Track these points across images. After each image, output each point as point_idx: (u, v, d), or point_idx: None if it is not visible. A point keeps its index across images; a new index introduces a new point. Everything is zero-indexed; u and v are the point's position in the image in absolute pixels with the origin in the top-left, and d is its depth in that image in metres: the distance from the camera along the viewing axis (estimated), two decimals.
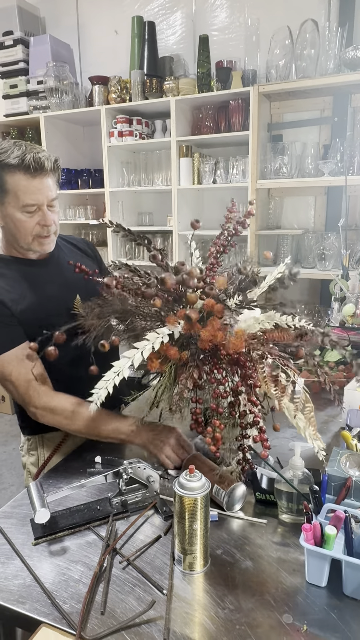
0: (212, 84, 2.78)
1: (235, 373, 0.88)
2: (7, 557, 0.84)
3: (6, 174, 1.08)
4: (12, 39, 3.29)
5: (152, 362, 0.87)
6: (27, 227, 1.13)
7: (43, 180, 1.10)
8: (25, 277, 1.19)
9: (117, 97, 3.05)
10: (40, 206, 1.11)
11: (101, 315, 0.98)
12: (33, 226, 1.13)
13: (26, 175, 1.08)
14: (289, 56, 2.52)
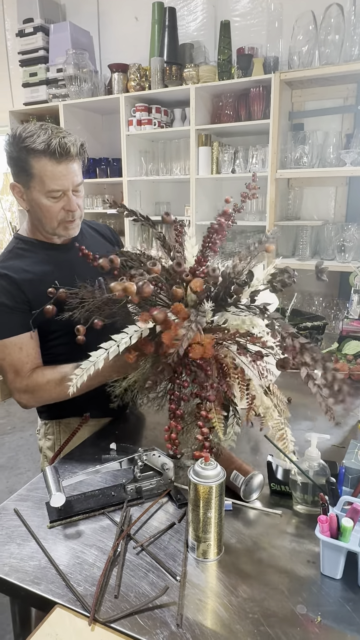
0: (232, 71, 2.74)
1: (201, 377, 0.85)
2: (23, 538, 0.85)
3: (32, 158, 1.07)
4: (33, 27, 3.28)
5: (130, 353, 0.87)
6: (52, 212, 1.13)
7: (69, 165, 1.09)
8: (48, 260, 1.18)
9: (136, 85, 3.03)
10: (65, 191, 1.11)
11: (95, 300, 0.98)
12: (58, 211, 1.13)
13: (52, 161, 1.07)
14: (312, 42, 2.46)
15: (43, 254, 1.19)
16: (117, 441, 1.11)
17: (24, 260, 1.16)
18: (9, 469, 2.79)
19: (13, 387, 1.13)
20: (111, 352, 0.83)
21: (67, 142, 1.08)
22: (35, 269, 1.16)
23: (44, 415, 1.32)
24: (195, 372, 0.86)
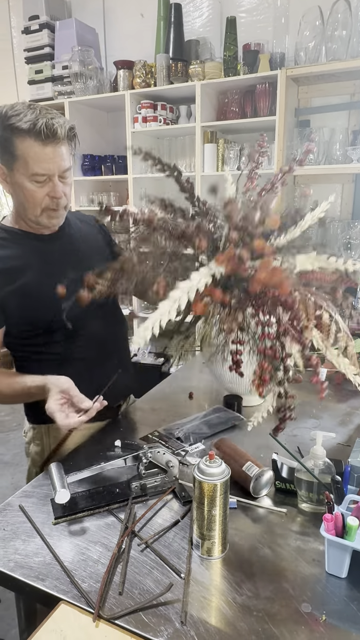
0: (238, 68, 2.73)
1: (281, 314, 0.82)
2: (28, 535, 0.85)
3: (16, 138, 1.00)
4: (38, 24, 3.28)
5: (197, 304, 0.81)
6: (35, 197, 1.05)
7: (55, 148, 1.02)
8: (32, 252, 1.12)
9: (141, 81, 3.02)
10: (51, 176, 1.03)
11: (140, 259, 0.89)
12: (42, 197, 1.05)
13: (37, 142, 1.00)
14: (319, 38, 2.44)
15: (27, 245, 1.12)
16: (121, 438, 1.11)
17: (2, 251, 1.10)
18: (14, 466, 2.80)
19: None
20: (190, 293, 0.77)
21: (55, 124, 1.00)
22: (15, 259, 1.10)
23: (32, 418, 1.25)
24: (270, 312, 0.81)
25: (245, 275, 0.81)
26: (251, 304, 0.83)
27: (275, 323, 0.81)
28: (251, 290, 0.80)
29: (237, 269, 0.80)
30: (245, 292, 0.83)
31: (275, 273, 0.77)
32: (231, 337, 0.82)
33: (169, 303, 0.76)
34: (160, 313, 0.75)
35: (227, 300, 0.82)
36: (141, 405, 1.38)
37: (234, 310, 0.82)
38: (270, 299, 0.81)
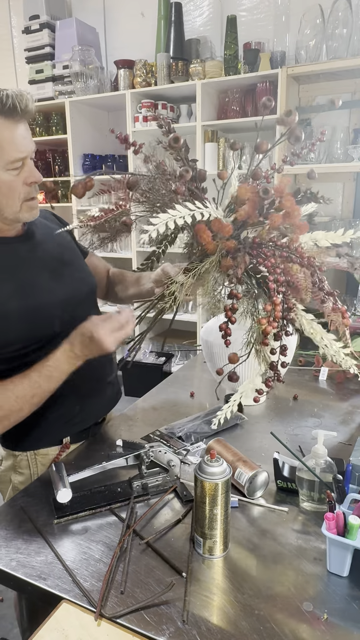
0: (239, 67, 2.73)
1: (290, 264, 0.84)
2: (29, 534, 0.85)
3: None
4: (39, 24, 3.29)
5: (204, 233, 0.81)
6: (14, 189, 0.91)
7: (26, 125, 0.90)
8: (8, 259, 0.98)
9: (142, 81, 3.02)
10: (25, 159, 0.91)
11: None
12: (21, 187, 0.92)
13: (9, 121, 0.86)
14: (319, 36, 2.44)
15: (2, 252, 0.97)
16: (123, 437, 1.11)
17: None
18: None
19: None
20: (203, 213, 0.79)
21: (23, 94, 0.87)
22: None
23: (13, 445, 1.09)
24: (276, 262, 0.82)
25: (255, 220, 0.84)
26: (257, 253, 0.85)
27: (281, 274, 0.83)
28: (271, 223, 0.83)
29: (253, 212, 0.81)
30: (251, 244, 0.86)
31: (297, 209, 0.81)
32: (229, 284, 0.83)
33: (183, 211, 0.77)
34: (171, 215, 0.76)
35: (233, 245, 0.83)
36: (142, 404, 1.38)
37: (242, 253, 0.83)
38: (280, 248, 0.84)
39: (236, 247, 0.84)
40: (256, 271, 0.87)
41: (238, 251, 0.84)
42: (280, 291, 0.81)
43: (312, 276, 0.83)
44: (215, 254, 0.85)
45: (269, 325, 0.81)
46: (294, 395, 1.38)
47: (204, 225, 0.82)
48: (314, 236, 0.91)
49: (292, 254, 0.83)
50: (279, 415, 1.27)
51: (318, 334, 0.90)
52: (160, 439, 1.14)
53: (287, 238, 0.86)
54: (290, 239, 0.85)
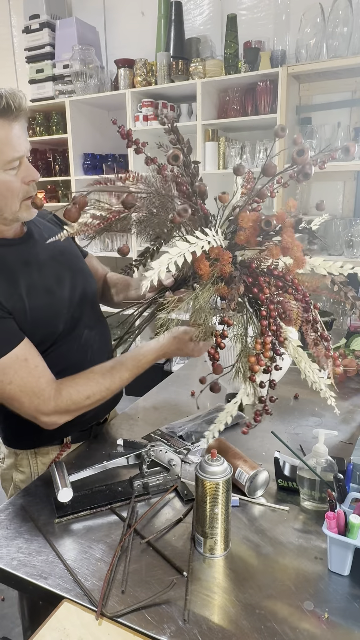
0: (239, 66, 2.72)
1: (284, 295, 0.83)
2: (30, 534, 0.85)
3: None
4: (39, 23, 3.28)
5: (202, 263, 0.81)
6: (13, 189, 0.90)
7: (21, 124, 0.90)
8: (9, 261, 0.97)
9: (142, 80, 3.02)
10: (22, 159, 0.90)
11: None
12: (20, 186, 0.91)
13: (4, 121, 0.86)
14: (320, 35, 2.43)
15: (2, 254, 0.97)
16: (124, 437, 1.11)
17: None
18: None
19: (35, 412, 0.93)
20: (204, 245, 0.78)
21: (17, 94, 0.87)
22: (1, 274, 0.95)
23: (15, 443, 1.10)
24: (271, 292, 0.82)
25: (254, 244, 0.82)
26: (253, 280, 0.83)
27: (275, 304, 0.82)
28: (270, 255, 0.81)
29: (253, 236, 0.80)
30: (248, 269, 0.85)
31: (298, 245, 0.79)
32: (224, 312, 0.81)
33: (182, 248, 0.76)
34: (171, 256, 0.75)
35: (229, 272, 0.82)
36: (143, 403, 1.38)
37: (238, 280, 0.81)
38: (276, 277, 0.82)
39: (232, 272, 0.83)
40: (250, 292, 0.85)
41: (233, 278, 0.82)
42: (272, 330, 0.80)
43: (305, 312, 0.82)
44: (209, 280, 0.85)
45: (258, 363, 0.80)
46: (295, 395, 1.38)
47: (202, 255, 0.81)
48: (312, 262, 0.88)
49: (287, 285, 0.82)
50: (280, 414, 1.27)
51: (303, 360, 0.88)
52: (161, 438, 1.14)
53: (283, 267, 0.84)
54: (287, 268, 0.83)
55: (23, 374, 0.91)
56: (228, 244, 0.88)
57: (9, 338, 0.91)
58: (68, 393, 0.95)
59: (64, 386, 0.96)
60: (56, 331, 1.01)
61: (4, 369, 0.90)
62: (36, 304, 0.97)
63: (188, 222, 0.89)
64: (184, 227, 0.91)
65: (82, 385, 0.97)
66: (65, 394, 0.95)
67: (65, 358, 1.03)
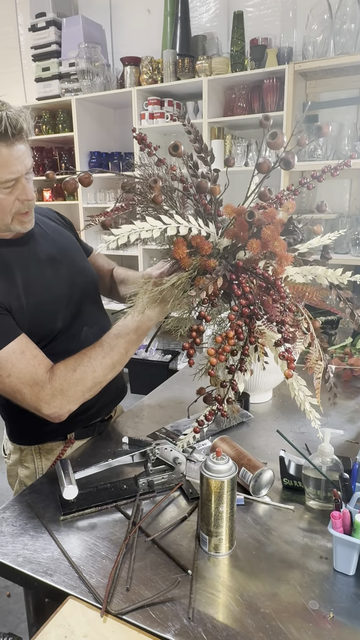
0: (246, 63, 2.71)
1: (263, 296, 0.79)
2: (36, 530, 0.86)
3: None
4: (45, 21, 3.29)
5: (179, 248, 0.78)
6: (5, 206, 0.93)
7: (21, 146, 0.90)
8: (7, 259, 1.00)
9: (148, 78, 3.02)
10: (18, 179, 0.92)
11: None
12: (12, 203, 0.94)
13: (1, 144, 0.87)
14: (327, 32, 2.42)
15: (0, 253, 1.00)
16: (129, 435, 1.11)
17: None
18: None
19: (37, 402, 0.93)
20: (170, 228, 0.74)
21: (18, 117, 0.88)
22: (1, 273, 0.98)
23: (19, 439, 1.13)
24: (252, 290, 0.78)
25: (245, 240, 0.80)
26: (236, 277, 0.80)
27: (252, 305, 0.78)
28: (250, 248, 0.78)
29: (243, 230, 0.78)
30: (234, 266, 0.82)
31: (280, 240, 0.75)
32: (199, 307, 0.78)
33: (156, 222, 0.74)
34: (142, 225, 0.73)
35: (212, 266, 0.79)
36: (148, 402, 1.38)
37: (214, 273, 0.78)
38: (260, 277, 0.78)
39: (215, 266, 0.79)
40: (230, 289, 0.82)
41: (215, 272, 0.79)
42: (239, 324, 0.76)
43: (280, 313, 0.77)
44: (188, 270, 0.82)
45: (218, 356, 0.75)
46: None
47: (182, 240, 0.79)
48: (313, 270, 0.84)
49: (270, 285, 0.77)
50: (285, 413, 1.27)
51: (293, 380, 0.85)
52: (166, 437, 1.14)
53: (271, 268, 0.80)
54: (274, 269, 0.78)
55: (21, 365, 0.92)
56: (231, 243, 0.87)
57: (5, 332, 0.93)
58: (59, 370, 0.95)
59: (56, 367, 0.96)
60: (55, 328, 1.03)
61: (1, 362, 0.91)
62: (34, 302, 0.99)
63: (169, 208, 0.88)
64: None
65: (71, 361, 0.96)
66: (57, 372, 0.95)
67: (64, 355, 1.03)
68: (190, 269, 0.82)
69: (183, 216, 0.83)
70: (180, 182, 0.88)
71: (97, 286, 1.19)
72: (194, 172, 0.92)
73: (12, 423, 1.13)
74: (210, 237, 0.84)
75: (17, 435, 1.13)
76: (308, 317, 0.84)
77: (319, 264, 0.89)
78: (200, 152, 0.92)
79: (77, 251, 1.17)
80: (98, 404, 1.15)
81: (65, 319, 1.04)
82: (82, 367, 0.95)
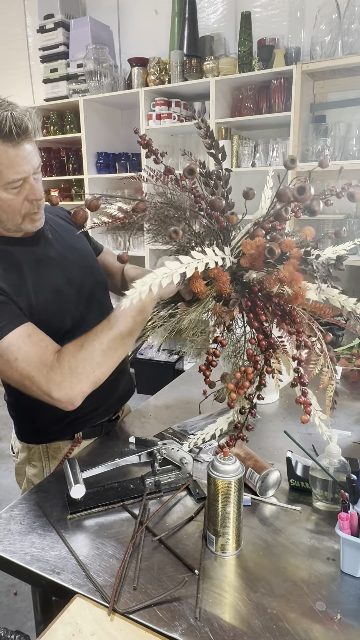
0: (253, 63, 2.71)
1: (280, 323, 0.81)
2: (43, 529, 0.86)
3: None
4: (53, 22, 3.31)
5: (197, 281, 0.78)
6: (14, 206, 0.93)
7: (27, 146, 0.90)
8: (18, 258, 1.01)
9: (156, 78, 3.02)
10: (26, 179, 0.92)
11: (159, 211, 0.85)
12: (21, 204, 0.94)
13: (6, 144, 0.87)
14: (335, 32, 2.41)
15: (8, 251, 1.00)
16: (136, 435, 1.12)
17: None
18: None
19: (46, 384, 0.90)
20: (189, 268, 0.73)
21: (23, 117, 0.88)
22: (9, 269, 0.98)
23: (27, 437, 1.14)
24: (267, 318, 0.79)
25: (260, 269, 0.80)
26: (252, 304, 0.81)
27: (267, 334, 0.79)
28: (268, 285, 0.78)
29: (258, 261, 0.78)
30: (249, 291, 0.82)
31: (298, 278, 0.76)
32: (216, 333, 0.79)
33: (176, 265, 0.74)
34: (164, 272, 0.72)
35: (228, 292, 0.80)
36: (155, 402, 1.39)
37: (232, 304, 0.79)
38: (276, 306, 0.79)
39: (231, 292, 0.79)
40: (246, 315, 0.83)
41: (231, 299, 0.79)
42: (255, 360, 0.77)
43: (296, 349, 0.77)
44: (205, 298, 0.82)
45: (238, 391, 0.77)
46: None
47: (198, 273, 0.78)
48: (328, 292, 0.83)
49: (286, 315, 0.78)
50: (292, 414, 1.26)
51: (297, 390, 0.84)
52: (172, 437, 1.14)
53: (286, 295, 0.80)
54: (289, 297, 0.78)
55: (27, 348, 0.90)
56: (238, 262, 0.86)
57: (11, 318, 0.92)
58: (66, 349, 0.92)
59: (63, 347, 0.94)
60: (63, 327, 1.03)
61: (8, 347, 0.90)
62: (43, 301, 0.99)
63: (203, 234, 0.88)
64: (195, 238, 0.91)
65: (78, 339, 0.94)
66: (64, 351, 0.92)
67: None
68: (208, 299, 0.83)
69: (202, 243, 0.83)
70: (191, 193, 0.87)
71: (107, 285, 1.20)
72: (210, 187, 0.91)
73: (21, 422, 1.14)
74: (226, 260, 0.83)
75: (25, 434, 1.14)
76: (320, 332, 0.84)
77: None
78: (211, 149, 0.91)
79: (87, 250, 1.17)
80: (105, 404, 1.15)
81: (74, 319, 1.05)
82: (88, 342, 0.91)
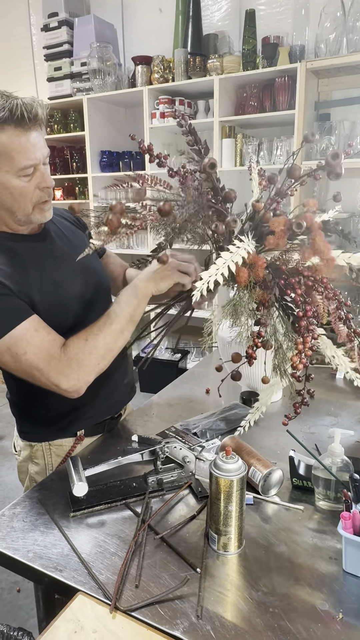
0: (257, 61, 2.70)
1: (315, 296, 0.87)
2: (46, 526, 0.86)
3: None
4: (57, 21, 3.30)
5: (242, 272, 0.83)
6: (26, 193, 0.94)
7: (37, 132, 0.92)
8: (23, 255, 1.00)
9: (159, 77, 3.02)
10: (37, 165, 0.93)
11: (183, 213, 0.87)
12: (33, 191, 0.94)
13: (18, 130, 0.88)
14: (340, 29, 2.40)
15: (16, 248, 1.00)
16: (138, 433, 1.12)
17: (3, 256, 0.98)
18: None
19: (55, 375, 0.93)
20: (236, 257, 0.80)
21: (33, 103, 0.90)
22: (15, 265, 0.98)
23: (30, 435, 1.14)
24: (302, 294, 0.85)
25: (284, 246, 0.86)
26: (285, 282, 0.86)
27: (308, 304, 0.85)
28: (303, 258, 0.85)
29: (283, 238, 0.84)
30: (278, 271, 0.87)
31: (327, 247, 0.82)
32: (261, 314, 0.85)
33: (228, 255, 0.80)
34: (217, 267, 0.79)
35: (262, 274, 0.85)
36: (158, 400, 1.39)
37: (271, 286, 0.85)
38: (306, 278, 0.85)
39: (266, 276, 0.85)
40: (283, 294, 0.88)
41: (268, 282, 0.85)
42: (310, 329, 0.83)
43: (337, 310, 0.85)
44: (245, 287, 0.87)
45: (300, 362, 0.82)
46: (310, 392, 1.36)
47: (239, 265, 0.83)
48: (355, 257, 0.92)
49: (318, 284, 0.85)
50: None
51: (329, 349, 0.93)
52: (175, 435, 1.14)
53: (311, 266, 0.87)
54: (314, 268, 0.85)
55: (36, 341, 0.93)
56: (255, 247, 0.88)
57: (18, 312, 0.93)
58: (72, 342, 0.96)
59: (68, 341, 0.97)
60: (65, 324, 1.03)
61: (16, 341, 0.91)
62: (47, 299, 1.00)
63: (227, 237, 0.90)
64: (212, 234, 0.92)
65: (81, 334, 0.97)
66: (70, 344, 0.96)
67: None
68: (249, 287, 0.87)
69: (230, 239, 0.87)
70: (197, 191, 0.88)
71: (109, 287, 1.20)
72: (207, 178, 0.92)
73: (23, 419, 1.14)
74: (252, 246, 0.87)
75: (27, 432, 1.14)
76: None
77: None
78: (194, 146, 0.93)
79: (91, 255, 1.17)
80: (108, 402, 1.15)
81: (77, 317, 1.05)
82: (92, 336, 0.96)
